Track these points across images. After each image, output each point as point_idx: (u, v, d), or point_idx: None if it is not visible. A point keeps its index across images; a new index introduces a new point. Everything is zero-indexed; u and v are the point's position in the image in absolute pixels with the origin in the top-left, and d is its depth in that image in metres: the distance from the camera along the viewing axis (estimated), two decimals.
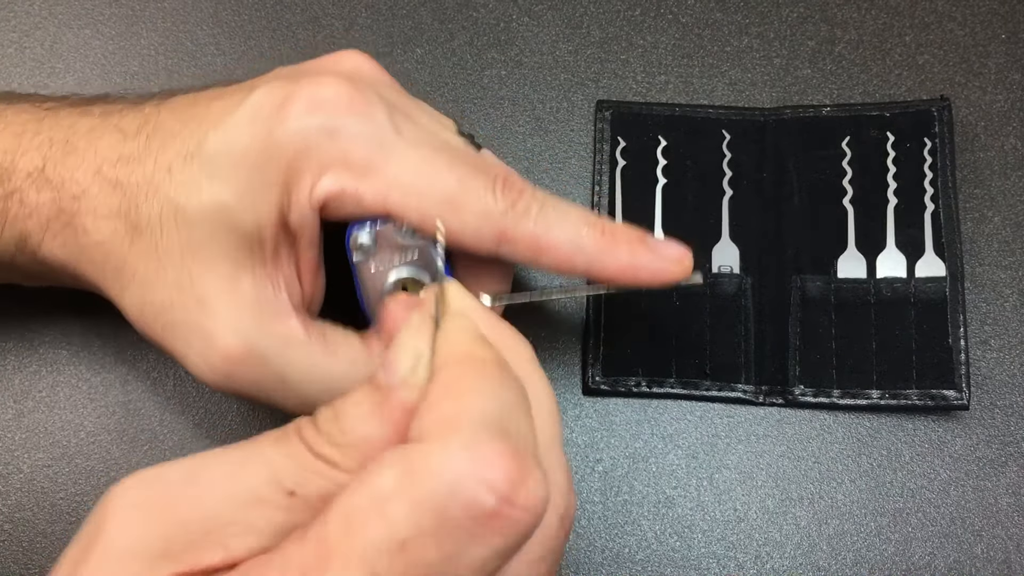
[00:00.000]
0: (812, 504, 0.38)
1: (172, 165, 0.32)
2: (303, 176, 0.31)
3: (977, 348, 0.40)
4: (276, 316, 0.32)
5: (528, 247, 0.32)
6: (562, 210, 0.32)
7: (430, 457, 0.21)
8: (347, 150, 0.31)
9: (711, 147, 0.42)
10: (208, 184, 0.31)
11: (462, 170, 0.32)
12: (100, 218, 0.32)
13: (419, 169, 0.31)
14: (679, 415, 0.40)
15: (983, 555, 0.37)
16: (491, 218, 0.31)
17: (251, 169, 0.31)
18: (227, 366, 0.32)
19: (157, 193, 0.32)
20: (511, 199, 0.32)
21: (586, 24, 0.45)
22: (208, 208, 0.31)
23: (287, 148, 0.31)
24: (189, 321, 0.32)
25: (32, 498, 0.39)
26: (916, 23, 0.44)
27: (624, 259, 0.32)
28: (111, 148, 0.33)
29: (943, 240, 0.40)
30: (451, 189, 0.31)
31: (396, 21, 0.45)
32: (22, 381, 0.40)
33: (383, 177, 0.31)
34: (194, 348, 0.32)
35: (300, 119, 0.31)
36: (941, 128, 0.41)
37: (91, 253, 0.33)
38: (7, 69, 0.44)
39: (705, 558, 0.38)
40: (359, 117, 0.32)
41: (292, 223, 0.32)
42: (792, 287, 0.40)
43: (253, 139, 0.31)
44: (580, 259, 0.32)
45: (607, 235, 0.32)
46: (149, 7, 0.46)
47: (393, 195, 0.31)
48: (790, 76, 0.44)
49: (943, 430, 0.39)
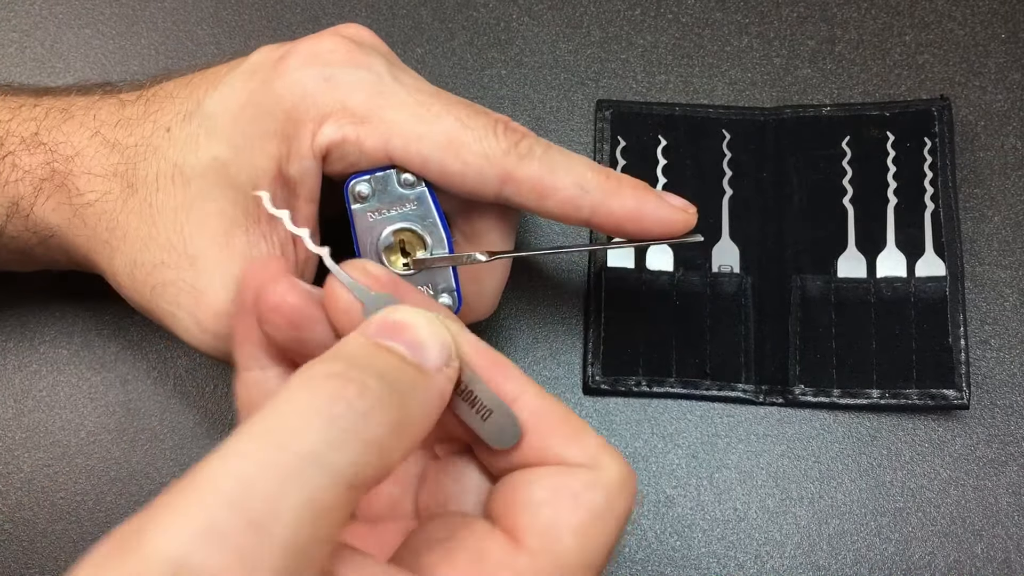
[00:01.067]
0: (812, 504, 0.38)
1: (171, 125, 0.32)
2: (303, 125, 0.31)
3: (977, 348, 0.40)
4: None
5: (532, 189, 0.31)
6: (566, 154, 0.32)
7: (619, 475, 0.25)
8: (346, 97, 0.31)
9: (711, 147, 0.42)
10: (206, 140, 0.31)
11: (462, 112, 0.32)
12: (95, 177, 0.32)
13: (418, 113, 0.31)
14: (679, 415, 0.40)
15: (983, 555, 0.37)
16: (493, 159, 0.31)
17: (248, 122, 0.31)
18: (217, 324, 0.31)
19: (156, 153, 0.32)
20: (513, 140, 0.32)
21: (586, 24, 0.45)
22: (205, 164, 0.31)
23: (285, 98, 0.31)
24: (179, 280, 0.32)
25: (32, 497, 0.39)
26: (916, 23, 0.44)
27: (630, 203, 0.32)
28: (110, 114, 0.33)
29: (943, 240, 0.40)
30: (451, 130, 0.31)
31: (396, 21, 0.45)
32: (22, 381, 0.40)
33: (383, 122, 0.31)
34: (184, 308, 0.32)
35: (298, 70, 0.31)
36: (941, 128, 0.41)
37: (83, 214, 0.32)
38: (7, 69, 0.44)
39: (705, 558, 0.38)
40: (357, 66, 0.32)
41: (292, 175, 0.32)
42: (792, 287, 0.40)
43: (251, 94, 0.31)
44: (585, 202, 0.32)
45: (612, 179, 0.32)
46: (149, 7, 0.46)
47: (394, 140, 0.31)
48: (790, 76, 0.44)
49: (943, 430, 0.39)
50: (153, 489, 0.39)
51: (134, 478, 0.39)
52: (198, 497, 0.19)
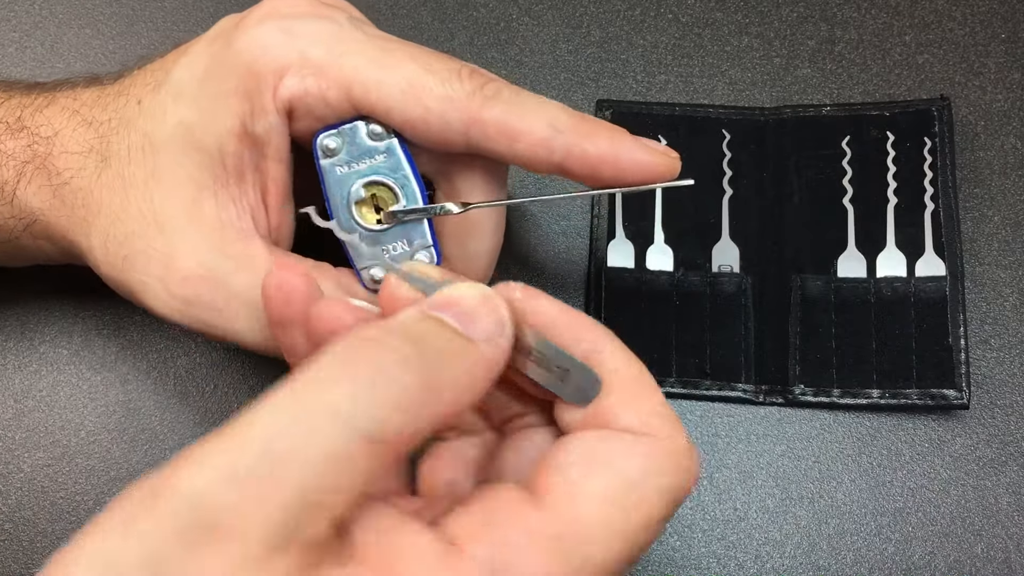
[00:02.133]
0: (812, 503, 0.38)
1: (142, 97, 0.32)
2: (264, 79, 0.31)
3: (977, 348, 0.40)
4: (237, 238, 0.32)
5: (500, 131, 0.30)
6: (539, 98, 0.31)
7: (671, 446, 0.25)
8: (306, 48, 0.30)
9: (711, 147, 0.42)
10: (173, 106, 0.31)
11: (425, 57, 0.31)
12: (71, 155, 0.33)
13: (377, 59, 0.30)
14: (679, 414, 0.39)
15: (983, 555, 0.37)
16: (457, 102, 0.30)
17: (211, 82, 0.31)
18: (185, 289, 0.31)
19: (128, 125, 0.32)
20: (479, 82, 0.30)
21: (586, 24, 0.45)
22: (172, 129, 0.31)
23: (244, 53, 0.31)
24: (149, 248, 0.32)
25: (32, 497, 0.39)
26: (916, 23, 0.44)
27: (604, 145, 0.30)
28: (91, 95, 0.34)
29: (943, 240, 0.40)
30: (412, 75, 0.30)
31: (396, 21, 0.45)
32: (22, 381, 0.40)
33: (342, 70, 0.30)
34: (153, 275, 0.32)
35: (257, 26, 0.31)
36: (941, 128, 0.41)
37: (62, 194, 0.33)
38: (7, 69, 0.44)
39: (705, 558, 0.38)
40: (317, 17, 0.31)
41: (257, 133, 0.31)
42: (792, 287, 0.40)
43: (213, 56, 0.31)
44: (558, 143, 0.30)
45: (587, 121, 0.31)
46: (149, 7, 0.46)
47: (355, 88, 0.30)
48: (790, 76, 0.44)
49: (943, 430, 0.39)
50: None
51: (134, 478, 0.38)
52: (227, 445, 0.21)
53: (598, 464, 0.24)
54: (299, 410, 0.21)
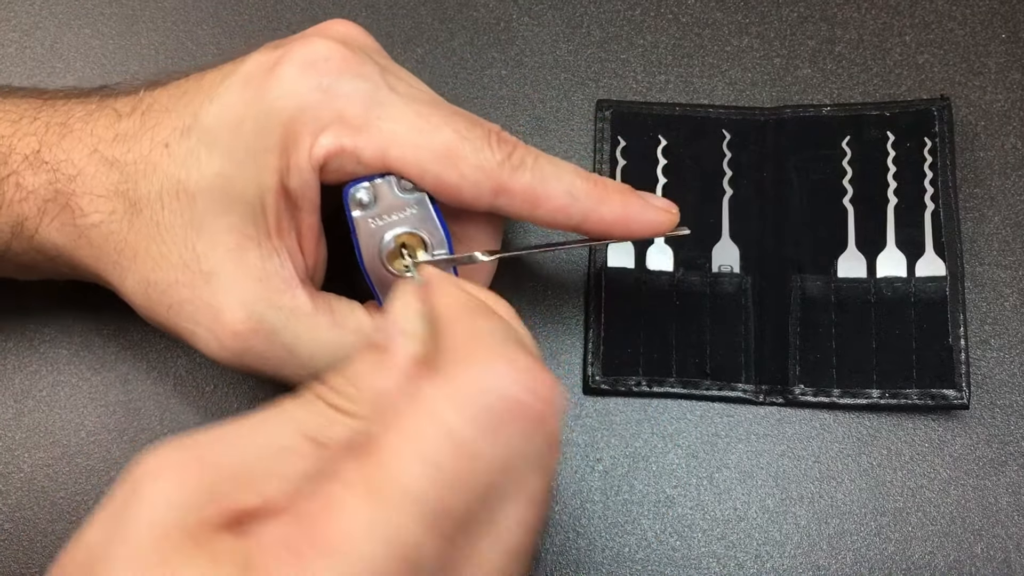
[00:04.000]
0: (812, 504, 0.38)
1: (169, 141, 0.32)
2: (301, 137, 0.31)
3: (977, 348, 0.40)
4: (283, 288, 0.32)
5: (525, 199, 0.32)
6: (555, 163, 0.33)
7: (470, 371, 0.23)
8: (343, 108, 0.31)
9: (711, 147, 0.42)
10: (207, 156, 0.31)
11: (458, 123, 0.32)
12: (97, 198, 0.32)
13: (415, 124, 0.31)
14: (679, 415, 0.40)
15: (983, 554, 0.37)
16: (488, 170, 0.32)
17: (248, 135, 0.31)
18: (236, 342, 0.32)
19: (156, 170, 0.32)
20: (506, 151, 0.32)
21: (586, 24, 0.45)
22: (209, 180, 0.31)
23: (283, 110, 0.31)
24: (196, 299, 0.32)
25: (32, 497, 0.39)
26: (916, 23, 0.44)
27: (617, 208, 0.33)
28: (106, 128, 0.33)
29: (943, 240, 0.40)
30: (448, 142, 0.31)
31: (396, 21, 0.45)
32: (22, 381, 0.40)
33: (380, 132, 0.31)
34: (202, 326, 0.32)
35: (294, 81, 0.31)
36: (941, 128, 0.41)
37: (89, 235, 0.33)
38: (7, 69, 0.44)
39: (705, 558, 0.38)
40: (353, 75, 0.32)
41: (292, 188, 0.32)
42: (792, 287, 0.40)
43: (247, 106, 0.31)
44: (576, 209, 0.33)
45: (599, 186, 0.33)
46: (149, 7, 0.46)
47: (391, 150, 0.31)
48: (790, 76, 0.44)
49: (943, 430, 0.39)
50: None
51: None
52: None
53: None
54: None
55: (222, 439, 0.24)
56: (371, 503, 0.22)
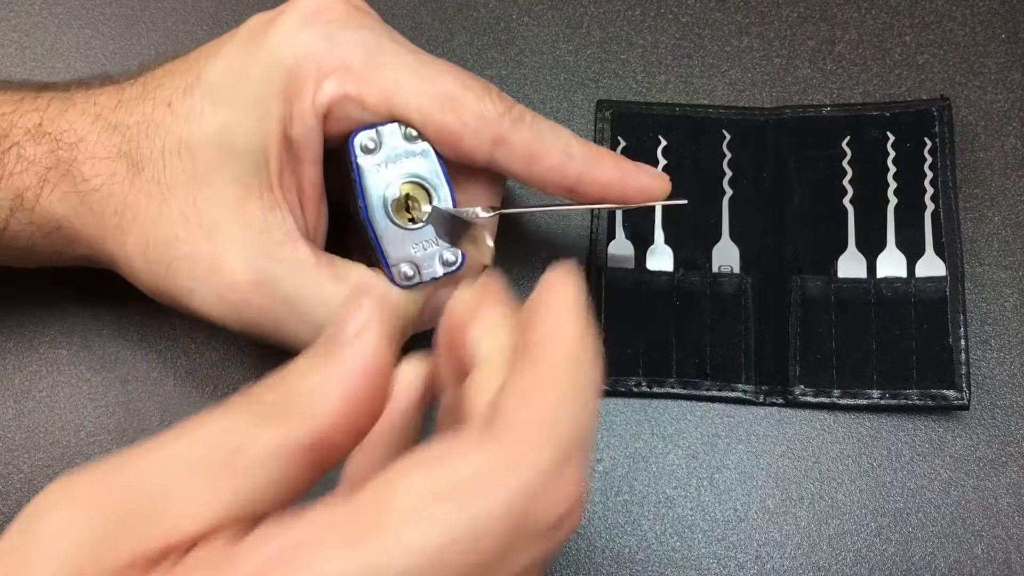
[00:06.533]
0: (812, 504, 0.38)
1: (172, 100, 0.32)
2: (305, 83, 0.31)
3: (977, 348, 0.40)
4: (285, 241, 0.32)
5: (522, 153, 0.33)
6: (552, 124, 0.34)
7: (522, 454, 0.20)
8: (346, 55, 0.32)
9: (711, 147, 0.42)
10: (211, 110, 0.31)
11: (458, 73, 0.33)
12: (99, 161, 0.32)
13: (418, 71, 0.32)
14: (679, 415, 0.39)
15: (983, 555, 0.37)
16: (488, 120, 0.32)
17: (252, 85, 0.31)
18: (236, 295, 0.32)
19: (159, 129, 0.32)
20: (506, 104, 0.33)
21: (586, 24, 0.45)
22: (212, 133, 0.31)
23: (286, 58, 0.31)
24: (196, 253, 0.32)
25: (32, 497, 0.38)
26: (916, 23, 0.44)
27: (612, 171, 0.34)
28: (110, 98, 0.33)
29: (943, 240, 0.40)
30: (451, 89, 0.32)
31: (396, 21, 0.45)
32: (22, 381, 0.40)
33: (384, 79, 0.32)
34: (203, 281, 0.32)
35: (296, 30, 0.32)
36: (941, 128, 0.41)
37: (90, 201, 0.32)
38: (7, 69, 0.44)
39: (705, 558, 0.38)
40: (356, 26, 0.32)
41: (295, 137, 0.32)
42: (792, 287, 0.40)
43: (249, 57, 0.32)
44: (571, 169, 0.33)
45: (594, 149, 0.34)
46: (149, 7, 0.46)
47: (395, 96, 0.32)
48: (790, 76, 0.44)
49: (943, 430, 0.39)
50: None
51: None
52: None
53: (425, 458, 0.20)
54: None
55: (132, 463, 0.21)
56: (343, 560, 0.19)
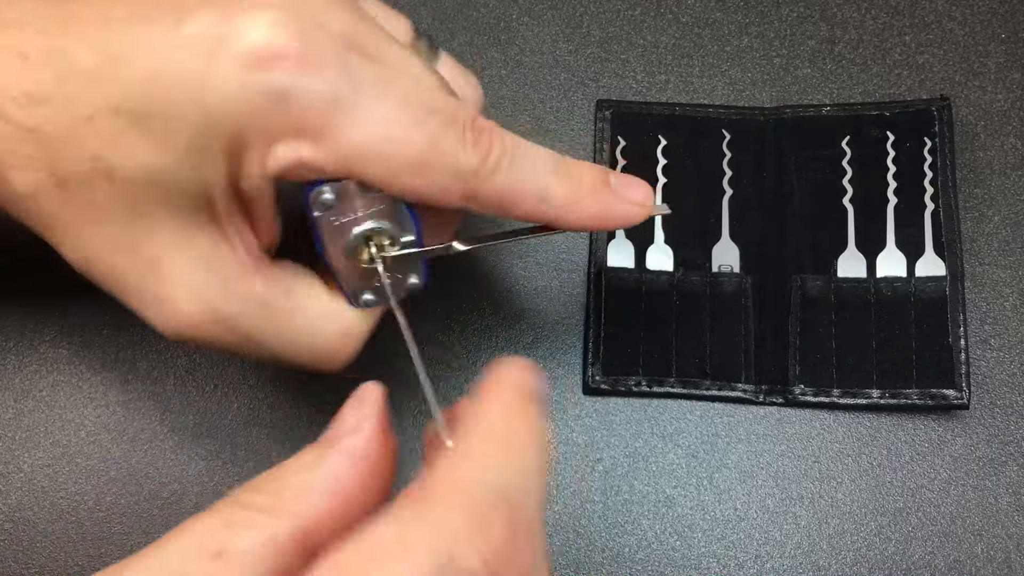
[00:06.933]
0: (812, 504, 0.38)
1: (94, 115, 0.27)
2: (252, 146, 0.28)
3: (977, 348, 0.40)
4: (236, 276, 0.30)
5: (496, 204, 0.30)
6: (532, 159, 0.31)
7: (435, 515, 0.21)
8: (300, 117, 0.27)
9: (711, 147, 0.42)
10: (142, 145, 0.27)
11: (431, 125, 0.29)
12: (18, 170, 0.28)
13: (384, 132, 0.28)
14: (679, 415, 0.40)
15: (983, 555, 0.37)
16: (461, 176, 0.29)
17: (190, 135, 0.27)
18: (192, 331, 0.30)
19: (81, 146, 0.27)
20: (482, 153, 0.30)
21: (586, 24, 0.45)
22: (146, 170, 0.28)
23: (227, 118, 0.27)
24: (144, 287, 0.29)
25: (32, 497, 0.39)
26: (916, 23, 0.44)
27: (591, 208, 0.31)
28: (13, 78, 0.27)
29: (943, 240, 0.40)
30: (420, 151, 0.29)
31: None
32: (22, 381, 0.40)
33: (344, 142, 0.28)
34: (153, 313, 0.30)
35: (239, 84, 0.27)
36: (941, 128, 0.41)
37: (19, 205, 0.29)
38: None
39: (705, 558, 0.38)
40: (310, 74, 0.27)
41: (244, 190, 0.29)
42: (792, 287, 0.40)
43: (189, 100, 0.27)
44: (548, 214, 0.31)
45: (572, 187, 0.31)
46: None
47: (356, 164, 0.28)
48: (790, 76, 0.44)
49: (943, 430, 0.39)
50: (153, 489, 0.39)
51: (134, 478, 0.39)
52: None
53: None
54: None
55: (122, 573, 0.21)
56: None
